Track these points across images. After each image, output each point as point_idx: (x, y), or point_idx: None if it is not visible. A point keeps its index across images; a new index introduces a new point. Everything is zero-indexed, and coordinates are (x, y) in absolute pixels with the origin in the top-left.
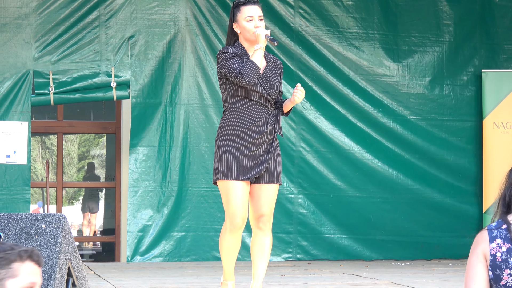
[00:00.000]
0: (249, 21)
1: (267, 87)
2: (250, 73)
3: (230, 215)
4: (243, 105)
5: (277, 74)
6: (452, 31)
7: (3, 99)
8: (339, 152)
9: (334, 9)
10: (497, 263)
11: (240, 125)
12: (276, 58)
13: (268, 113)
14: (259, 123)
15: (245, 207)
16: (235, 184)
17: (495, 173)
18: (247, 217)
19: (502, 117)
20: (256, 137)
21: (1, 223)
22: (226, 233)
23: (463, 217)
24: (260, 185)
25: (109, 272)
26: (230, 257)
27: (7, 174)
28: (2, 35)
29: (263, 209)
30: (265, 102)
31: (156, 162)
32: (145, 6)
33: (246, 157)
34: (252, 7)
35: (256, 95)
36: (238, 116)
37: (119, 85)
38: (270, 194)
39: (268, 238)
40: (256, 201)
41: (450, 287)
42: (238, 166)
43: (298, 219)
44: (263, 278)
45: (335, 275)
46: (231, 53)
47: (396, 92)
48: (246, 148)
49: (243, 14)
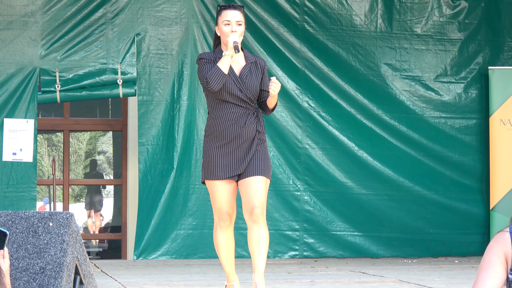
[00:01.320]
0: (226, 25)
1: (244, 88)
2: (214, 78)
3: (216, 211)
4: (221, 107)
5: (257, 74)
6: (456, 28)
7: (9, 96)
8: (344, 150)
9: (338, 7)
10: None
11: (219, 126)
12: (258, 58)
13: (246, 113)
14: (236, 123)
15: (230, 203)
16: (218, 183)
17: (502, 170)
18: (235, 214)
19: (508, 114)
20: (235, 136)
21: (8, 221)
22: (217, 231)
23: (469, 214)
24: (244, 179)
25: (116, 270)
26: (227, 256)
27: (14, 172)
28: (9, 32)
29: (253, 202)
30: (242, 102)
31: (163, 160)
32: (151, 4)
33: (226, 156)
34: (231, 11)
35: (232, 97)
36: (217, 118)
37: (126, 82)
38: (256, 186)
39: (264, 230)
40: (245, 195)
41: (457, 284)
42: (219, 166)
43: (304, 216)
44: (263, 269)
45: (341, 273)
46: (205, 59)
47: (401, 90)
48: (226, 148)
49: (222, 17)
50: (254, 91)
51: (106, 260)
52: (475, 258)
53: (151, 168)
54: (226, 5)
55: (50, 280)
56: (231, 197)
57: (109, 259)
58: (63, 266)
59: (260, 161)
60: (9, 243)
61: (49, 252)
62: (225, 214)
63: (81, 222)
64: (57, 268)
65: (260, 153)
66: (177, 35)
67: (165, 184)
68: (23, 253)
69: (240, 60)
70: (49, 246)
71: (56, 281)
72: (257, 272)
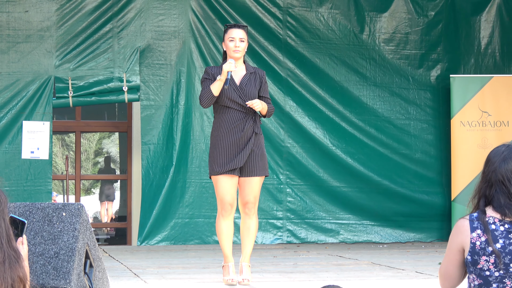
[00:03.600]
0: (230, 41)
1: (243, 95)
2: (205, 100)
3: (219, 202)
4: (224, 112)
5: (255, 83)
6: (420, 41)
7: (28, 101)
8: (321, 148)
9: (316, 23)
10: (476, 250)
11: (223, 128)
12: (257, 69)
13: (245, 117)
14: (237, 126)
15: (232, 195)
16: (221, 177)
17: (462, 166)
18: (235, 205)
19: (468, 117)
20: (236, 137)
21: (26, 212)
22: (219, 219)
23: (431, 204)
24: (245, 178)
25: (122, 255)
26: (226, 241)
27: (31, 168)
28: (27, 45)
29: (248, 198)
30: (241, 108)
31: (163, 157)
32: (152, 20)
33: (227, 154)
34: (236, 30)
35: (233, 103)
36: (221, 121)
37: (130, 89)
38: (253, 185)
39: (253, 221)
40: (243, 191)
41: (422, 266)
42: (221, 163)
43: (287, 206)
44: (250, 253)
45: (321, 256)
46: (208, 77)
47: (372, 96)
48: (227, 147)
49: (228, 35)
50: (252, 98)
51: (113, 246)
52: (438, 243)
53: (152, 165)
54: (232, 24)
55: (63, 264)
56: (233, 190)
57: (115, 245)
58: (75, 251)
59: (258, 161)
60: (27, 231)
61: (63, 239)
62: (227, 205)
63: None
64: (69, 253)
65: (258, 153)
66: (175, 47)
67: (165, 178)
68: (39, 239)
69: (241, 71)
70: (63, 233)
71: (68, 264)
72: (244, 256)
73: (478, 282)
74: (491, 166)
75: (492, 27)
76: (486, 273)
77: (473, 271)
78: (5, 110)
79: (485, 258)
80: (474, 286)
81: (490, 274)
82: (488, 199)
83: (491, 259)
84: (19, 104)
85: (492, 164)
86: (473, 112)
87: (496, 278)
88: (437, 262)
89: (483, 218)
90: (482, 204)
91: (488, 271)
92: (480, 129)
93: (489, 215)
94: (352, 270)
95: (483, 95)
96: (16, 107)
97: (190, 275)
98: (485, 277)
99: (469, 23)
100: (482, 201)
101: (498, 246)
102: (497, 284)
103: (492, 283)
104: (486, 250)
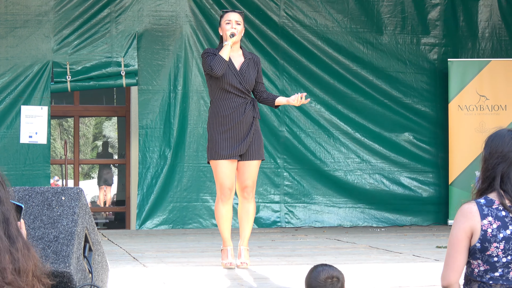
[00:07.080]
0: (227, 24)
1: (243, 81)
2: (217, 65)
3: (219, 186)
4: (224, 96)
5: (254, 69)
6: (418, 25)
7: (26, 86)
8: (318, 131)
9: (314, 6)
10: (487, 237)
11: (222, 113)
12: (253, 55)
13: (245, 102)
14: (237, 110)
15: (231, 179)
16: (221, 162)
17: (459, 150)
18: (234, 188)
19: (465, 101)
20: (236, 122)
21: (26, 196)
22: (218, 203)
23: (429, 188)
24: (244, 162)
25: (121, 238)
26: (225, 225)
27: (30, 153)
28: (25, 30)
29: (247, 182)
30: (241, 93)
31: (161, 141)
32: (150, 5)
33: (229, 139)
34: (232, 13)
35: (233, 88)
36: (220, 106)
37: (128, 74)
38: (252, 169)
39: (252, 205)
40: (241, 175)
41: (420, 250)
42: (223, 148)
43: (284, 190)
44: (248, 237)
45: (319, 240)
46: (209, 52)
47: (368, 79)
48: (228, 132)
49: (224, 18)
50: (251, 84)
51: (112, 230)
52: (436, 227)
53: (150, 149)
54: (228, 10)
55: (63, 247)
56: (233, 175)
57: (114, 229)
58: (74, 235)
59: (256, 145)
60: (26, 215)
61: (62, 223)
62: (226, 189)
63: (90, 196)
64: (69, 237)
65: (256, 138)
66: (172, 32)
67: (163, 163)
68: (39, 223)
69: (239, 57)
70: (62, 217)
71: (68, 248)
72: (243, 239)
73: (484, 268)
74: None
75: (490, 11)
76: (494, 259)
77: (480, 257)
78: (3, 94)
79: (495, 245)
80: (479, 271)
81: (498, 260)
82: (504, 180)
83: (500, 245)
84: (17, 89)
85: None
86: (471, 96)
87: (503, 264)
88: (434, 245)
89: (504, 202)
90: (497, 184)
91: (497, 257)
92: (477, 113)
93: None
94: (350, 253)
95: (481, 79)
96: (15, 91)
97: (189, 259)
98: (492, 263)
99: (467, 7)
100: (497, 180)
101: (508, 232)
102: (502, 269)
103: (498, 268)
104: (497, 237)
